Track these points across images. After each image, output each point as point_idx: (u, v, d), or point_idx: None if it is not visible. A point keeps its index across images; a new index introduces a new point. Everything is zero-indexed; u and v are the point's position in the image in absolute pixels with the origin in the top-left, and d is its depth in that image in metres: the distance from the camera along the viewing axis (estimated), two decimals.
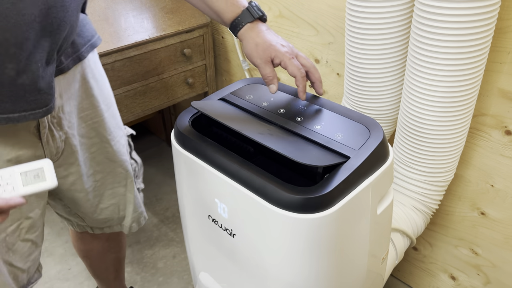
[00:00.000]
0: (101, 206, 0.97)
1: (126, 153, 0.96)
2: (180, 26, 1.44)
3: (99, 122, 0.87)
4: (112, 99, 0.92)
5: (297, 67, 0.74)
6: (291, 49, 0.77)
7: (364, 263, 0.74)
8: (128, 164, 0.96)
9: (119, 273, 1.26)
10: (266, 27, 0.79)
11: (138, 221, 1.04)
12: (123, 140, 0.95)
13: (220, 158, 0.68)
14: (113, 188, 0.96)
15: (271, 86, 0.76)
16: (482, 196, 1.10)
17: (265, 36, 0.76)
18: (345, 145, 0.67)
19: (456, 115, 0.88)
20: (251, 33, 0.77)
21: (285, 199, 0.61)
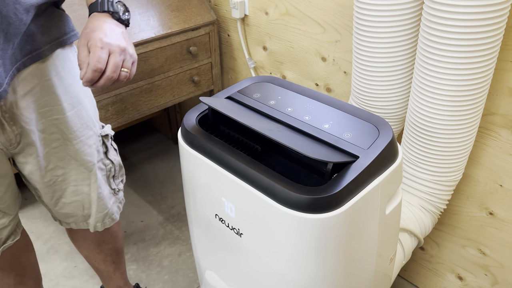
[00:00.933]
0: (63, 201, 0.98)
1: (93, 153, 0.95)
2: (186, 24, 1.43)
3: (60, 120, 0.87)
4: (82, 98, 0.90)
5: (97, 57, 0.70)
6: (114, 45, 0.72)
7: (372, 263, 0.73)
8: (92, 165, 0.95)
9: (118, 265, 1.26)
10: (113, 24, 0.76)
11: (102, 222, 1.04)
12: (91, 141, 0.93)
13: (227, 157, 0.68)
14: (76, 186, 0.96)
15: (80, 72, 0.73)
16: (490, 196, 1.09)
17: (97, 24, 0.74)
18: (354, 145, 0.66)
19: (465, 115, 0.87)
20: (91, 19, 0.76)
21: (294, 198, 0.60)
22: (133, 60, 0.77)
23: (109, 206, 1.03)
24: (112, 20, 0.78)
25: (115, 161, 1.02)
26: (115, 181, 1.05)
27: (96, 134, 0.95)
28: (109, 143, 1.00)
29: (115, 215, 1.06)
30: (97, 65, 0.70)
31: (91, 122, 0.93)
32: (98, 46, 0.71)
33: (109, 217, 1.04)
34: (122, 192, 1.09)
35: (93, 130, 0.94)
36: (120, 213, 1.10)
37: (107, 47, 0.72)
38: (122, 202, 1.11)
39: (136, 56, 0.78)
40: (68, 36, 0.85)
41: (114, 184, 1.04)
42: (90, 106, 0.93)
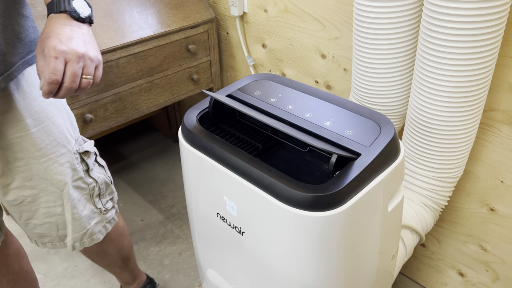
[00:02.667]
0: (34, 222, 0.92)
1: (65, 172, 0.88)
2: (184, 22, 1.43)
3: (24, 137, 0.81)
4: (50, 113, 0.83)
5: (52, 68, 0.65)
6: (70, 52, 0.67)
7: (374, 261, 0.73)
8: (64, 185, 0.88)
9: (125, 268, 1.24)
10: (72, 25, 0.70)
11: (81, 241, 0.97)
12: (62, 158, 0.87)
13: (228, 156, 0.68)
14: (48, 208, 0.91)
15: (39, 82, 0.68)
16: (491, 192, 1.09)
17: (54, 29, 0.68)
18: (356, 142, 0.66)
19: (466, 111, 0.87)
20: (49, 22, 0.70)
21: (296, 196, 0.60)
22: (96, 63, 0.71)
23: (88, 226, 0.96)
24: (71, 21, 0.71)
25: (99, 179, 0.95)
26: (102, 200, 0.98)
27: (71, 151, 0.88)
28: (90, 161, 0.93)
29: (96, 235, 0.99)
30: (52, 77, 0.66)
31: (63, 139, 0.86)
32: (52, 56, 0.66)
33: (88, 237, 0.97)
34: (113, 211, 1.02)
35: (66, 147, 0.87)
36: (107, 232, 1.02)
37: (62, 56, 0.66)
38: (113, 221, 1.03)
39: (100, 57, 0.73)
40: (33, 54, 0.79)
41: (100, 204, 0.98)
42: (63, 120, 0.87)
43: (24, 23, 0.78)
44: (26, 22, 0.79)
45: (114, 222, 1.04)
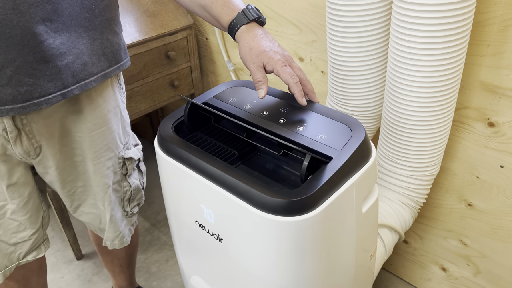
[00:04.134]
0: (82, 209, 0.99)
1: (109, 175, 0.94)
2: (163, 29, 1.43)
3: (83, 138, 0.87)
4: (109, 119, 0.89)
5: (289, 74, 0.74)
6: (284, 57, 0.76)
7: (352, 262, 0.74)
8: (107, 187, 0.95)
9: (125, 269, 1.27)
10: (263, 31, 0.78)
11: (112, 242, 1.04)
12: (109, 162, 0.93)
13: (203, 164, 0.68)
14: (95, 200, 0.97)
15: (260, 91, 0.75)
16: (468, 188, 1.11)
17: (259, 41, 0.76)
18: (328, 146, 0.67)
19: (438, 109, 0.89)
20: (246, 36, 0.77)
21: (269, 202, 0.61)
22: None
23: (121, 229, 1.04)
24: (260, 28, 0.79)
25: (134, 184, 1.02)
26: (130, 204, 1.05)
27: (117, 156, 0.94)
28: (131, 166, 0.99)
29: (126, 238, 1.06)
30: (295, 79, 0.74)
31: (114, 144, 0.92)
32: (282, 66, 0.74)
33: (119, 239, 1.04)
34: (136, 216, 1.10)
35: (114, 151, 0.93)
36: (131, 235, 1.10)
37: (286, 63, 0.75)
38: (135, 224, 1.11)
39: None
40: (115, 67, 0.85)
41: (129, 207, 1.04)
42: (117, 127, 0.93)
43: (113, 39, 0.83)
44: (115, 38, 0.83)
45: (136, 224, 1.12)
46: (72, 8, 0.73)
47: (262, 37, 0.77)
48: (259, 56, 0.75)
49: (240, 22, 0.78)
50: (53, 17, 0.71)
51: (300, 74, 0.77)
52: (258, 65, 0.75)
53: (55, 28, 0.71)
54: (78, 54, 0.76)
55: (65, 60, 0.74)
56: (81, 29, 0.76)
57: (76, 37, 0.75)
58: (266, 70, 0.76)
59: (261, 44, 0.76)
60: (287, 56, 0.77)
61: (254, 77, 0.76)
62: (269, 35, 0.79)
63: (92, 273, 1.51)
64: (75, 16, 0.74)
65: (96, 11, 0.77)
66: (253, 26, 0.78)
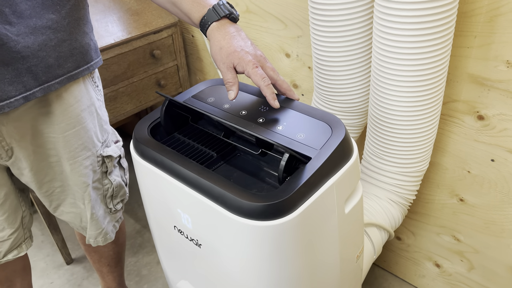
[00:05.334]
0: (62, 209, 0.98)
1: (88, 174, 0.93)
2: (147, 28, 1.40)
3: (57, 138, 0.85)
4: (83, 118, 0.87)
5: (260, 76, 0.71)
6: (256, 57, 0.73)
7: (336, 263, 0.72)
8: (86, 186, 0.94)
9: (113, 269, 1.26)
10: (235, 29, 0.75)
11: (95, 239, 1.03)
12: (87, 161, 0.91)
13: (178, 167, 0.66)
14: (74, 199, 0.96)
15: (230, 93, 0.73)
16: (459, 182, 1.09)
17: (230, 40, 0.73)
18: (307, 145, 0.65)
19: (425, 103, 0.86)
20: (217, 35, 0.74)
21: (245, 206, 0.58)
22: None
23: (103, 226, 1.02)
24: (232, 25, 0.75)
25: (115, 181, 1.01)
26: (113, 201, 1.04)
27: (95, 155, 0.93)
28: (111, 164, 0.98)
29: (110, 235, 1.05)
30: (266, 81, 0.71)
31: (90, 143, 0.90)
32: (254, 67, 0.71)
33: (103, 236, 1.03)
34: (120, 212, 1.09)
35: (92, 150, 0.91)
36: (116, 232, 1.09)
37: (257, 64, 0.72)
38: (120, 220, 1.10)
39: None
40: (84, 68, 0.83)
41: (112, 204, 1.04)
42: (93, 125, 0.90)
43: (82, 39, 0.80)
44: (84, 38, 0.81)
45: (121, 220, 1.10)
46: (32, 9, 0.70)
47: (233, 36, 0.73)
48: (229, 56, 0.72)
49: (211, 19, 0.75)
50: (12, 19, 0.68)
51: (274, 74, 0.74)
52: (228, 65, 0.72)
53: (16, 32, 0.69)
54: (44, 57, 0.74)
55: (28, 63, 0.72)
56: (49, 31, 0.73)
57: (44, 39, 0.73)
58: (236, 70, 0.73)
59: (232, 43, 0.72)
60: (259, 56, 0.73)
61: (224, 78, 0.73)
62: (242, 33, 0.75)
63: (82, 278, 1.49)
64: (39, 18, 0.71)
65: (63, 12, 0.75)
66: (224, 24, 0.75)
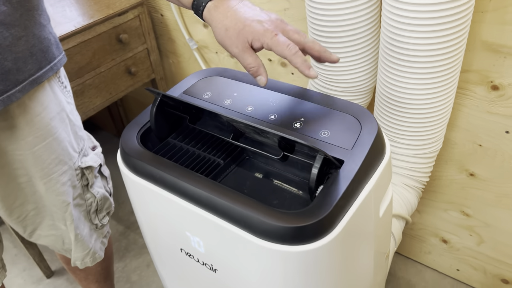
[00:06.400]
0: (38, 233, 0.86)
1: (67, 192, 0.80)
2: (110, 10, 1.24)
3: (25, 155, 0.72)
4: (54, 128, 0.74)
5: (284, 44, 0.56)
6: (272, 23, 0.58)
7: (370, 271, 0.64)
8: (67, 205, 0.81)
9: (102, 284, 1.15)
10: (236, 1, 0.61)
11: (82, 261, 0.92)
12: (64, 177, 0.78)
13: (183, 184, 0.54)
14: (53, 220, 0.84)
15: (259, 78, 0.59)
16: (469, 157, 1.03)
17: (235, 15, 0.59)
18: (334, 145, 0.55)
19: (443, 75, 0.77)
20: (217, 15, 0.60)
21: (274, 230, 0.48)
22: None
23: (90, 245, 0.90)
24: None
25: (98, 194, 0.88)
26: (98, 216, 0.91)
27: (72, 168, 0.80)
28: (92, 175, 0.85)
29: (98, 253, 0.94)
30: (292, 49, 0.56)
31: (66, 155, 0.77)
32: (273, 36, 0.56)
33: (91, 256, 0.92)
34: (107, 226, 0.96)
35: (68, 163, 0.79)
36: (105, 248, 0.97)
37: (277, 30, 0.57)
38: (108, 235, 0.98)
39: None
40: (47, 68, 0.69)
41: (97, 219, 0.91)
42: (67, 134, 0.77)
43: (40, 33, 0.67)
44: (43, 32, 0.67)
45: (109, 235, 0.98)
46: None
47: (237, 9, 0.59)
48: (240, 35, 0.58)
49: None
50: None
51: (299, 37, 0.59)
52: (243, 47, 0.58)
53: None
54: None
55: None
56: (2, 27, 0.58)
57: None
58: (254, 48, 0.59)
59: (238, 17, 0.58)
60: (276, 20, 0.59)
61: (243, 64, 0.59)
62: (246, 1, 0.61)
63: None
64: None
65: (14, 2, 0.60)
66: (221, 0, 0.61)
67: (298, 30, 0.60)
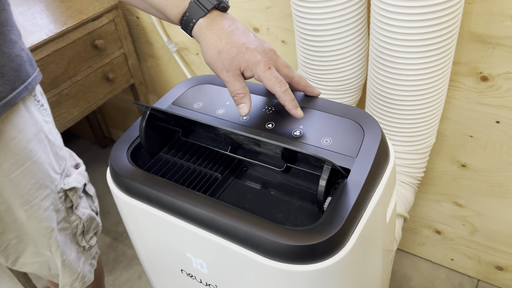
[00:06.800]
0: (22, 261, 0.82)
1: (50, 217, 0.75)
2: (83, 15, 1.18)
3: (2, 184, 0.67)
4: (32, 151, 0.69)
5: (276, 80, 0.55)
6: (266, 54, 0.56)
7: (379, 275, 0.62)
8: (51, 231, 0.76)
9: None
10: (230, 22, 0.58)
11: (71, 286, 0.87)
12: (46, 202, 0.73)
13: (181, 204, 0.51)
14: (37, 247, 0.79)
15: (241, 107, 0.56)
16: (460, 148, 1.03)
17: (229, 38, 0.56)
18: (338, 153, 0.52)
19: (434, 70, 0.76)
20: (209, 35, 0.57)
21: (283, 249, 0.45)
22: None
23: (79, 270, 0.85)
24: (224, 18, 0.58)
25: (84, 215, 0.83)
26: (86, 237, 0.86)
27: (55, 191, 0.74)
28: (76, 196, 0.80)
29: (88, 277, 0.88)
30: (285, 87, 0.56)
31: (47, 178, 0.72)
32: (265, 70, 0.55)
33: (80, 280, 0.87)
34: (96, 246, 0.91)
35: (50, 187, 0.73)
36: (94, 270, 0.92)
37: (270, 63, 0.56)
38: (96, 255, 0.93)
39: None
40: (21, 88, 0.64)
41: (84, 241, 0.86)
42: (46, 156, 0.72)
43: (11, 51, 0.62)
44: (14, 49, 0.63)
45: (97, 255, 0.93)
46: None
47: (231, 32, 0.57)
48: (233, 60, 0.55)
49: (195, 15, 0.57)
50: None
51: (288, 72, 0.58)
52: (234, 73, 0.56)
53: None
54: None
55: None
56: None
57: None
58: (244, 76, 0.57)
59: (232, 42, 0.56)
60: (269, 52, 0.57)
61: (230, 89, 0.57)
62: (239, 24, 0.58)
63: None
64: None
65: None
66: (215, 18, 0.57)
67: (287, 64, 0.59)
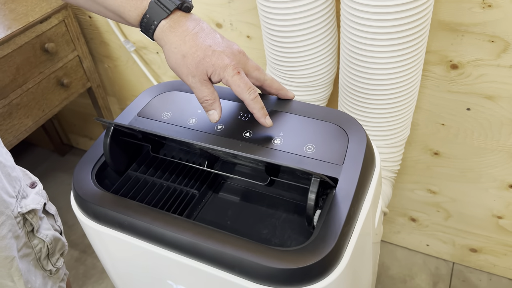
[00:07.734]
0: None
1: (9, 245, 0.67)
2: (29, 17, 1.09)
3: None
4: None
5: (244, 85, 0.52)
6: (235, 57, 0.52)
7: (369, 277, 0.60)
8: (11, 260, 0.68)
9: None
10: (194, 23, 0.53)
11: None
12: (3, 230, 0.65)
13: (158, 230, 0.46)
14: None
15: (211, 113, 0.53)
16: (433, 136, 1.02)
17: (194, 41, 0.52)
18: (324, 161, 0.49)
19: (407, 61, 0.74)
20: (173, 37, 0.52)
21: (275, 273, 0.42)
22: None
23: None
24: (188, 19, 0.53)
25: (47, 237, 0.75)
26: (51, 260, 0.78)
27: (12, 216, 0.67)
28: (36, 218, 0.72)
29: None
30: (254, 94, 0.52)
31: (1, 204, 0.64)
32: (234, 74, 0.51)
33: None
34: (63, 268, 0.83)
35: (5, 213, 0.65)
36: None
37: (239, 67, 0.52)
38: (65, 277, 0.85)
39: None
40: None
41: (50, 264, 0.78)
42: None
43: None
44: None
45: (66, 277, 0.85)
46: None
47: (195, 34, 0.52)
48: (199, 65, 0.51)
49: (157, 16, 0.52)
50: None
51: (259, 75, 0.55)
52: (200, 78, 0.52)
53: None
54: None
55: None
56: None
57: None
58: (212, 81, 0.53)
59: (197, 44, 0.51)
60: (238, 54, 0.53)
61: (198, 96, 0.52)
62: (204, 25, 0.54)
63: None
64: None
65: None
66: (178, 20, 0.52)
67: (258, 66, 0.55)
